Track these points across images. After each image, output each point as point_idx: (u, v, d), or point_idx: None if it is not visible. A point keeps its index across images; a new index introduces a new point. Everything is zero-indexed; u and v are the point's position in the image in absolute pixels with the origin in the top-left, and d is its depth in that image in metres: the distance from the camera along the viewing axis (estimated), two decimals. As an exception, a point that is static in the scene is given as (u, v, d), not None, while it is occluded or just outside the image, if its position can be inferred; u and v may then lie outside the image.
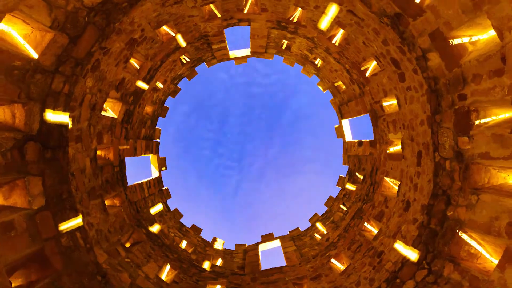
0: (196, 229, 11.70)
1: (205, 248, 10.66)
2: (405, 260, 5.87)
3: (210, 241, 11.42)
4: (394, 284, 5.92)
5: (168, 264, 8.24)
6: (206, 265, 9.36)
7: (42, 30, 4.26)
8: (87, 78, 5.84)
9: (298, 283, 8.45)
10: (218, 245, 11.40)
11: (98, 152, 7.57)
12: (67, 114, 5.25)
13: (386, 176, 7.92)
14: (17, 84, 4.09)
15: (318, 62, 10.35)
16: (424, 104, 5.60)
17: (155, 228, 9.12)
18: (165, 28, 7.97)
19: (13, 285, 3.89)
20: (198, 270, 8.80)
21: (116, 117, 7.99)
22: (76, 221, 5.26)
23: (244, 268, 9.32)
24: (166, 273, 8.06)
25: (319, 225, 10.77)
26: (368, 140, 9.44)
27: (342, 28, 7.04)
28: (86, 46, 5.16)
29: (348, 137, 10.88)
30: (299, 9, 7.65)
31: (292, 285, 8.28)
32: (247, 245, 11.18)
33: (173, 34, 8.22)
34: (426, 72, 5.17)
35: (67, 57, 4.81)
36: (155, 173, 11.13)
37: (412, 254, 5.67)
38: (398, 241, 6.30)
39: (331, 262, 8.46)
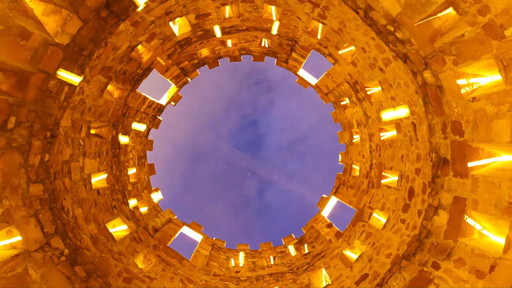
0: (151, 169, 11.63)
1: (144, 190, 10.56)
2: None
3: (153, 188, 11.32)
4: None
5: (106, 174, 8.17)
6: (132, 202, 9.25)
7: None
8: (184, -11, 5.97)
9: (185, 283, 8.26)
10: (155, 197, 11.28)
11: (139, 47, 7.66)
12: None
13: (326, 268, 7.80)
14: None
15: (357, 138, 10.39)
16: (403, 243, 5.55)
17: (123, 140, 9.09)
18: (272, 8, 8.14)
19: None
20: (122, 201, 8.69)
21: (176, 35, 8.10)
22: (74, 78, 5.27)
23: (157, 232, 9.17)
24: (98, 179, 7.98)
25: (242, 254, 10.60)
26: (337, 229, 9.36)
27: (397, 131, 7.09)
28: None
29: (325, 212, 10.82)
30: (379, 87, 7.75)
31: (178, 281, 8.09)
32: (175, 217, 11.04)
33: (274, 19, 8.39)
34: (427, 221, 5.14)
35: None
36: (163, 101, 11.18)
37: None
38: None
39: (223, 292, 8.28)
